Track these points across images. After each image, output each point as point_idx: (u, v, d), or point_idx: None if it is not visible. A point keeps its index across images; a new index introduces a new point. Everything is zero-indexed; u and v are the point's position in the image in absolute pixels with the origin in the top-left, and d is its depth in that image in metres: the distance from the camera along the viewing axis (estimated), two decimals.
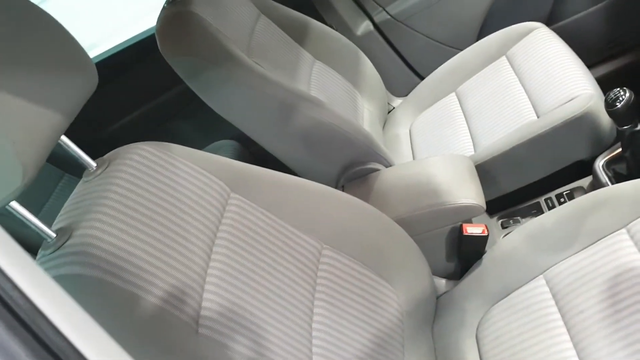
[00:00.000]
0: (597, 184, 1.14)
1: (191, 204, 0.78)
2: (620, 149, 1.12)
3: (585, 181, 1.24)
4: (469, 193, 1.06)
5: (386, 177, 1.15)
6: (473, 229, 1.03)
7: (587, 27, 1.62)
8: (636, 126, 1.00)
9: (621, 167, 1.11)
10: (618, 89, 0.97)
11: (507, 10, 1.63)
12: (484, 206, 1.06)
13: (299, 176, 1.22)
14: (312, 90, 1.32)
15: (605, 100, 0.99)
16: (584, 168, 1.23)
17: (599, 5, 1.58)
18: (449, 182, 1.07)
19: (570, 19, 1.62)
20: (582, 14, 1.61)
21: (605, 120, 1.15)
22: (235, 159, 1.64)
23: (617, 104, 0.95)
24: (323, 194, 0.94)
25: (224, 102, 1.13)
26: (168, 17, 1.09)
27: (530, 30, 1.45)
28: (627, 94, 0.94)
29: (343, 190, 1.18)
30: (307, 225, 0.90)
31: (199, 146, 1.82)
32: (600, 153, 1.18)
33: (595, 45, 1.63)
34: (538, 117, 1.23)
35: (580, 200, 0.99)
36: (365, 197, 1.11)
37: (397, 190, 1.11)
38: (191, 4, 1.10)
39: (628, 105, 0.94)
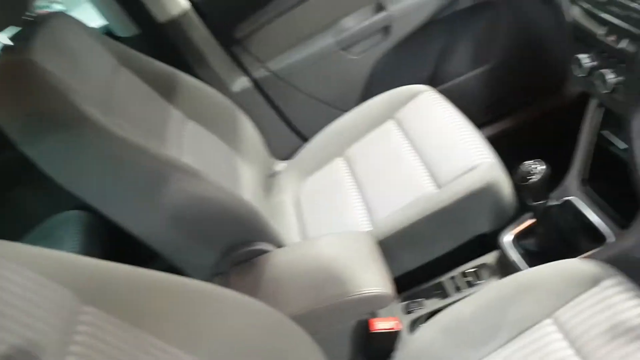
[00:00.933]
0: (505, 261, 1.06)
1: (22, 330, 0.53)
2: (526, 223, 1.05)
3: (490, 257, 1.15)
4: (374, 279, 0.91)
5: (277, 261, 0.97)
6: (382, 324, 0.88)
7: (468, 90, 1.61)
8: (549, 201, 0.92)
9: (530, 243, 1.03)
10: (531, 161, 0.89)
11: (391, 72, 1.57)
12: (392, 294, 0.91)
13: (168, 261, 1.01)
14: (185, 155, 1.11)
15: (517, 174, 0.90)
16: (486, 242, 1.15)
17: (479, 70, 1.59)
18: (351, 268, 0.92)
19: (452, 82, 1.61)
20: (463, 77, 1.61)
21: (507, 191, 1.07)
22: (86, 234, 1.38)
23: (532, 177, 0.87)
24: (203, 294, 0.74)
25: (71, 172, 0.90)
26: (1, 68, 0.86)
27: (417, 93, 1.39)
28: (542, 166, 0.86)
29: (226, 278, 0.97)
30: (184, 339, 0.68)
31: (43, 218, 1.52)
32: (503, 226, 1.11)
33: (476, 107, 1.61)
34: (437, 186, 1.13)
35: (499, 286, 0.88)
36: (253, 288, 0.92)
37: (292, 280, 0.93)
38: (31, 52, 0.87)
39: (545, 178, 0.85)
